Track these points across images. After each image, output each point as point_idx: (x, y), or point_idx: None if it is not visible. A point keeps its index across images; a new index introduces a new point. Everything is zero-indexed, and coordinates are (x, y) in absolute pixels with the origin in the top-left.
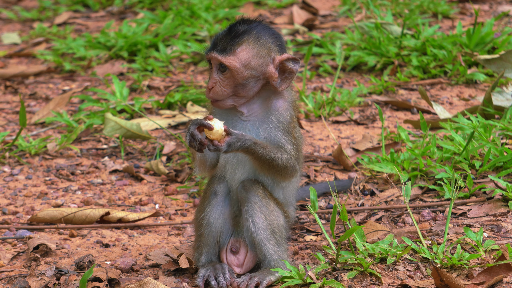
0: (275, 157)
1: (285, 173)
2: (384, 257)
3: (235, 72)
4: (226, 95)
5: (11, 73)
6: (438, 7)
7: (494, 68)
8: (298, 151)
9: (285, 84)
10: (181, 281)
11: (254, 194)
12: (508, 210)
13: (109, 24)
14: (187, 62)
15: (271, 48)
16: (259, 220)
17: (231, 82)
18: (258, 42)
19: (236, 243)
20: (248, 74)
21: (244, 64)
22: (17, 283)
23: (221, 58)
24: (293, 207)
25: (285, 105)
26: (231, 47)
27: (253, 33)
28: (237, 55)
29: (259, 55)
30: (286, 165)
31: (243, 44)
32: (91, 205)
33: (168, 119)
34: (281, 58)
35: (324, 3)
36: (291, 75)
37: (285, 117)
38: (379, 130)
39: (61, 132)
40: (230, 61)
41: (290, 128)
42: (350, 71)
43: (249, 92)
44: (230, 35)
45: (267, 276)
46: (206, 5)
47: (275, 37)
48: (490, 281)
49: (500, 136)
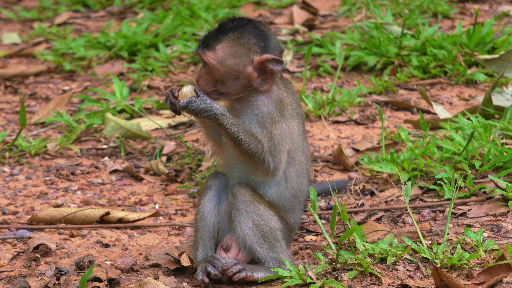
0: (244, 139)
1: (257, 165)
2: (384, 257)
3: (212, 68)
4: (208, 89)
5: (11, 73)
6: (438, 7)
7: (494, 68)
8: (274, 147)
9: (267, 85)
10: (181, 281)
11: (241, 200)
12: (508, 210)
13: (109, 24)
14: (187, 62)
15: (251, 48)
16: (246, 226)
17: (211, 78)
18: (239, 41)
19: (229, 240)
20: (224, 71)
21: (219, 61)
22: (17, 283)
23: (201, 54)
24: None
25: (266, 100)
26: (212, 44)
27: (237, 32)
28: (215, 52)
29: (236, 55)
30: (254, 153)
31: (223, 42)
32: (91, 205)
33: (168, 119)
34: (259, 59)
35: (324, 3)
36: (272, 76)
37: (262, 111)
38: (379, 130)
39: (61, 132)
40: (207, 57)
41: (265, 122)
42: (350, 71)
43: (230, 89)
44: (216, 32)
45: (252, 271)
46: (206, 5)
47: (260, 38)
48: (490, 281)
49: (500, 136)
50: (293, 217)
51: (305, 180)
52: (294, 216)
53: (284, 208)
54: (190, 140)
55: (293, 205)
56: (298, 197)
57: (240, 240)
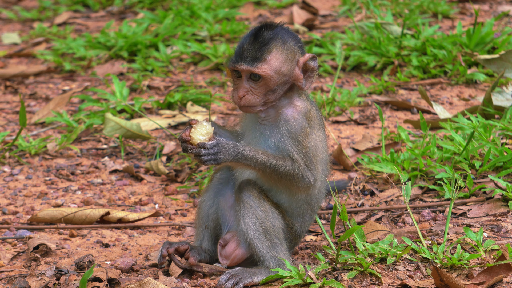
0: (277, 164)
1: (294, 183)
2: (384, 257)
3: (269, 79)
4: (259, 102)
5: (11, 73)
6: (438, 7)
7: (494, 68)
8: (310, 161)
9: (309, 83)
10: (181, 281)
11: (247, 194)
12: (508, 210)
13: (109, 24)
14: (187, 62)
15: (295, 51)
16: (249, 220)
17: (263, 90)
18: (285, 46)
19: (228, 235)
20: (279, 80)
21: (276, 71)
22: (17, 283)
23: (253, 69)
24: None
25: (295, 115)
26: (262, 55)
27: (278, 38)
28: (268, 63)
29: (287, 60)
30: (292, 174)
31: (273, 52)
32: (91, 205)
33: (168, 119)
34: (304, 59)
35: (324, 3)
36: (312, 73)
37: (294, 126)
38: (379, 130)
39: (61, 132)
40: (264, 70)
41: (299, 137)
42: (350, 71)
43: (277, 97)
44: (257, 43)
45: (250, 276)
46: (206, 5)
47: (296, 39)
48: (490, 281)
49: (500, 136)
50: (300, 224)
51: (324, 188)
52: (303, 223)
53: (293, 213)
54: None
55: (304, 212)
56: (311, 205)
57: (241, 234)
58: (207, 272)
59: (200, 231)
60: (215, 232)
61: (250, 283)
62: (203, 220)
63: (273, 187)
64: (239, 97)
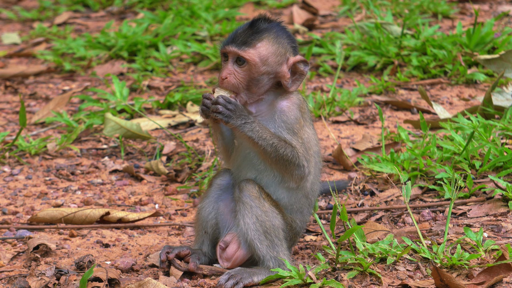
0: (279, 145)
1: (289, 170)
2: (384, 257)
3: (253, 65)
4: (241, 87)
5: (11, 73)
6: (438, 7)
7: (494, 68)
8: (306, 152)
9: (295, 86)
10: (181, 281)
11: (247, 194)
12: (508, 210)
13: (109, 24)
14: (187, 62)
15: (287, 48)
16: (249, 220)
17: (247, 76)
18: (277, 40)
19: (229, 237)
20: (264, 70)
21: (262, 59)
22: (17, 283)
23: (240, 52)
24: (301, 215)
25: (290, 106)
26: (252, 41)
27: (273, 31)
28: (257, 49)
29: (276, 53)
30: (290, 159)
31: (264, 40)
32: (91, 205)
33: (168, 119)
34: (294, 59)
35: (324, 3)
36: (301, 77)
37: (289, 117)
38: (379, 130)
39: (61, 132)
40: (249, 54)
41: (295, 128)
42: (350, 71)
43: (261, 90)
44: (251, 30)
45: (250, 276)
46: (206, 5)
47: (290, 39)
48: (490, 281)
49: (500, 136)
50: (300, 219)
51: (318, 181)
52: (302, 218)
53: (292, 208)
54: (190, 140)
55: (302, 207)
56: (309, 198)
57: (241, 234)
58: (207, 274)
59: (199, 236)
60: (214, 236)
61: (250, 283)
62: (202, 226)
63: (267, 168)
64: (222, 78)
